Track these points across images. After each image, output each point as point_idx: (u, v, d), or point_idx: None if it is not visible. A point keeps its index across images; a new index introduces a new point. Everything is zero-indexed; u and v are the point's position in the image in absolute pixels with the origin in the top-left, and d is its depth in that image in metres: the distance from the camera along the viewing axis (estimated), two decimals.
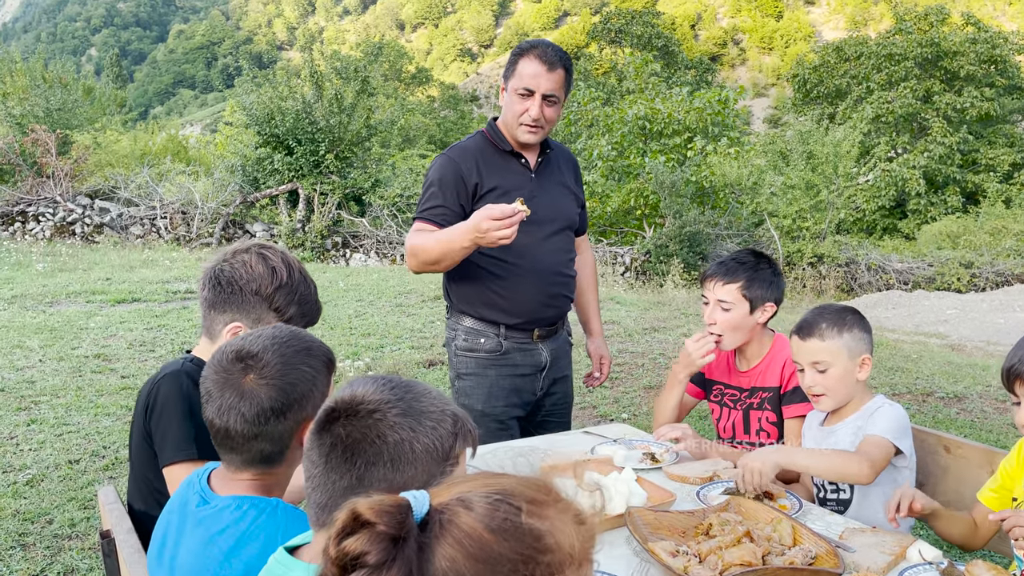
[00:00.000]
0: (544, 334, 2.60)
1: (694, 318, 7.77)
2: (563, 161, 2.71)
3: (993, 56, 28.25)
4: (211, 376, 1.41)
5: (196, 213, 14.61)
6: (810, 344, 2.06)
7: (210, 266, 1.85)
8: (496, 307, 2.52)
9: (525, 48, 2.49)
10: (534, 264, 2.50)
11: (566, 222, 2.63)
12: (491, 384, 2.55)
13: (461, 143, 2.62)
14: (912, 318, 12.41)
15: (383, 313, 8.45)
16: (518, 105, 2.45)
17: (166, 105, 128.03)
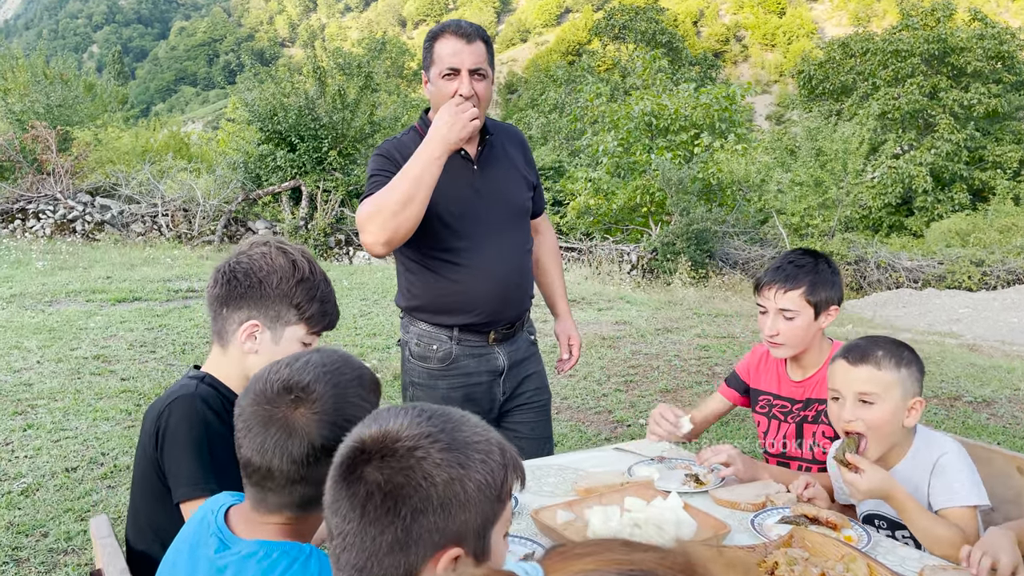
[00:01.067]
0: (500, 336, 2.41)
1: (707, 318, 7.60)
2: (508, 142, 2.50)
3: (1000, 52, 28.03)
4: (251, 408, 1.22)
5: (198, 210, 14.44)
6: (861, 371, 1.81)
7: (224, 261, 1.69)
8: (450, 310, 2.34)
9: (436, 31, 2.31)
10: (487, 261, 2.32)
11: (518, 212, 2.44)
12: (442, 397, 2.37)
13: (394, 139, 2.42)
14: (924, 317, 12.24)
15: (388, 312, 8.28)
16: (446, 88, 2.24)
17: (168, 102, 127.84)
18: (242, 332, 1.65)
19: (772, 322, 2.20)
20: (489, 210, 2.35)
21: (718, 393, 2.53)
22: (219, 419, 1.64)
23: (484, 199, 2.35)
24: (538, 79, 46.42)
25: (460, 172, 2.34)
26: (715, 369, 5.54)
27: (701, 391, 4.99)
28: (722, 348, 6.17)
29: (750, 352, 2.51)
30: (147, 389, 5.33)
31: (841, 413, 1.84)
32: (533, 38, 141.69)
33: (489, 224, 2.35)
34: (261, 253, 1.66)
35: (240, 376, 1.70)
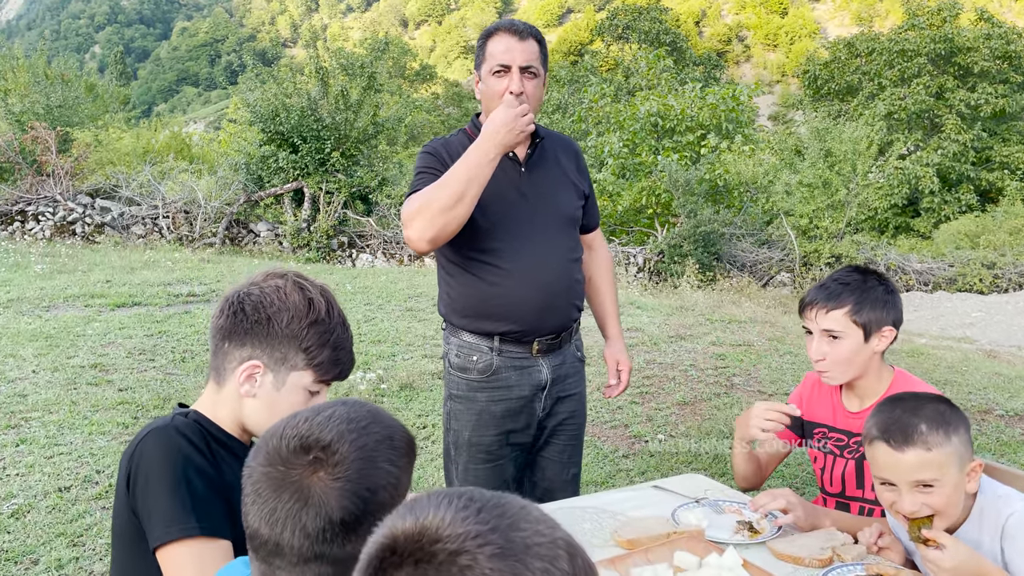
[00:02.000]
0: (545, 347, 2.29)
1: (720, 324, 7.41)
2: (560, 150, 2.41)
3: (1008, 52, 27.82)
4: (261, 469, 1.03)
5: (199, 212, 14.27)
6: (910, 457, 1.55)
7: (234, 290, 1.51)
8: (491, 316, 2.24)
9: (491, 29, 2.28)
10: (530, 268, 2.22)
11: (566, 219, 2.33)
12: (480, 410, 2.27)
13: (442, 138, 2.37)
14: (936, 321, 12.05)
15: (393, 318, 8.10)
16: (496, 85, 2.20)
17: (170, 102, 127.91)
18: (241, 371, 1.46)
19: (817, 345, 2.02)
20: (534, 214, 2.26)
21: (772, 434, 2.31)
22: (200, 453, 1.45)
23: (530, 203, 2.26)
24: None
25: (506, 173, 2.25)
26: (733, 380, 5.35)
27: (720, 403, 4.81)
28: (739, 357, 5.98)
29: (802, 383, 2.31)
30: (145, 400, 5.15)
31: (900, 504, 1.60)
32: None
33: (533, 228, 2.25)
34: (275, 286, 1.48)
35: (232, 420, 1.52)
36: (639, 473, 3.78)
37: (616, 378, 2.51)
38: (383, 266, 13.73)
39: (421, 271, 12.11)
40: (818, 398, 2.19)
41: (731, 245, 15.27)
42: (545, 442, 2.40)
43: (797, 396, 2.27)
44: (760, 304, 11.33)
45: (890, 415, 1.62)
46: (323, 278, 6.17)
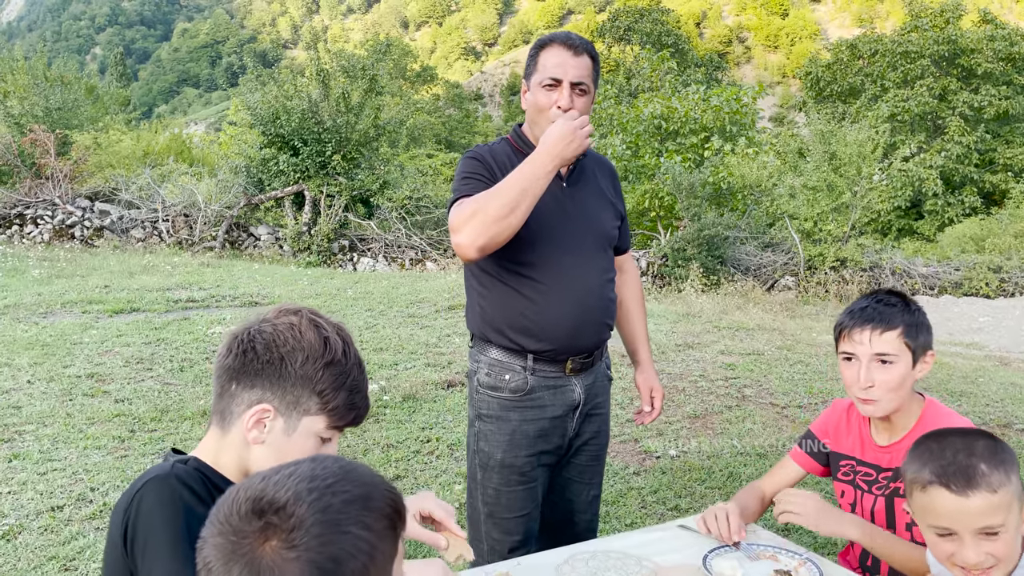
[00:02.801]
0: (578, 367, 2.22)
1: (728, 332, 7.28)
2: (599, 169, 2.38)
3: (1011, 54, 27.67)
4: (213, 537, 0.88)
5: (199, 216, 14.16)
6: (976, 502, 1.39)
7: (243, 327, 1.37)
8: (525, 331, 2.16)
9: (545, 40, 2.22)
10: (567, 284, 2.16)
11: (604, 238, 2.28)
12: (513, 430, 2.19)
13: (486, 146, 2.30)
14: (944, 326, 11.91)
15: (395, 325, 7.98)
16: (544, 99, 2.15)
17: (171, 104, 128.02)
18: (250, 416, 1.33)
19: (866, 372, 1.86)
20: (574, 230, 2.20)
21: (790, 459, 2.18)
22: (203, 504, 1.29)
23: (570, 218, 2.20)
24: None
25: (548, 187, 2.15)
26: (744, 391, 5.23)
27: (732, 416, 4.68)
28: (749, 366, 5.86)
29: (828, 409, 2.17)
30: (142, 412, 5.03)
31: (962, 555, 1.43)
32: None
33: (572, 244, 2.19)
34: (289, 324, 1.35)
35: (237, 468, 1.38)
36: (651, 492, 3.66)
37: (649, 405, 2.43)
38: (384, 270, 13.62)
39: (423, 276, 12.00)
40: (846, 428, 2.06)
41: (735, 249, 15.15)
42: (567, 461, 2.33)
43: (823, 424, 2.14)
44: (766, 310, 11.21)
45: (943, 456, 1.47)
46: (323, 283, 6.11)
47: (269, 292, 9.69)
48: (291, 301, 1.46)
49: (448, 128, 48.04)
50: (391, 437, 4.65)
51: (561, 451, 2.27)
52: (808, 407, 4.90)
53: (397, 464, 4.25)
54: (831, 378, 5.63)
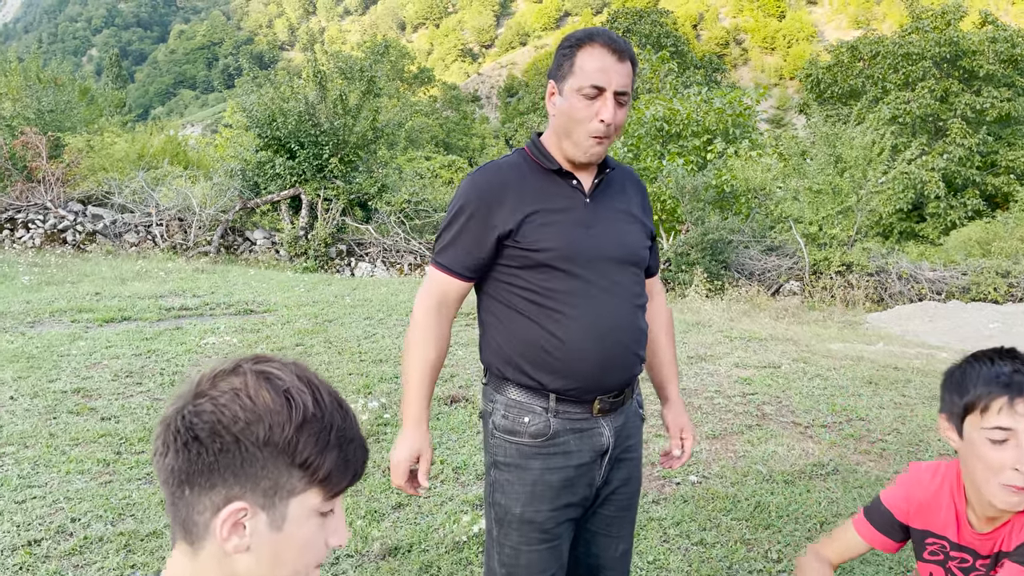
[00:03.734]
0: (607, 407, 1.95)
1: (740, 343, 7.04)
2: (627, 183, 2.10)
3: (1013, 55, 27.48)
4: None
5: (194, 220, 13.89)
6: None
7: (175, 408, 1.02)
8: (546, 368, 1.89)
9: (583, 37, 1.90)
10: (594, 314, 1.90)
11: (633, 259, 2.00)
12: (535, 480, 1.92)
13: (495, 161, 2.01)
14: (954, 332, 11.69)
15: (394, 334, 7.73)
16: (584, 110, 1.86)
17: (167, 105, 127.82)
18: (222, 523, 0.99)
19: None
20: (600, 252, 1.93)
21: (853, 531, 1.89)
22: None
23: (595, 238, 1.93)
24: (539, 83, 45.86)
25: (569, 203, 1.93)
26: (764, 408, 4.97)
27: (754, 437, 4.43)
28: (766, 381, 5.61)
29: (909, 480, 1.84)
30: (129, 432, 4.77)
31: None
32: (532, 41, 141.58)
33: (598, 268, 1.92)
34: (232, 392, 0.99)
35: None
36: (673, 524, 3.40)
37: (679, 447, 2.14)
38: (383, 275, 13.36)
39: (422, 282, 11.73)
40: (936, 504, 1.76)
41: (739, 253, 14.92)
42: (593, 512, 2.05)
43: (903, 498, 1.82)
44: (774, 316, 10.97)
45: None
46: (321, 289, 5.78)
47: (265, 299, 9.43)
48: (235, 357, 1.11)
49: (446, 130, 47.81)
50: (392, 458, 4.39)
51: (587, 502, 2.00)
52: (832, 427, 4.65)
53: (398, 490, 3.98)
54: (852, 394, 5.38)
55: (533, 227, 1.88)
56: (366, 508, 3.78)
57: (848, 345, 8.76)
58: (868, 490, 3.66)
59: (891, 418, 4.82)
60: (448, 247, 1.93)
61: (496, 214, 1.89)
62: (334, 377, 5.97)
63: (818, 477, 3.82)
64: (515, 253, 1.90)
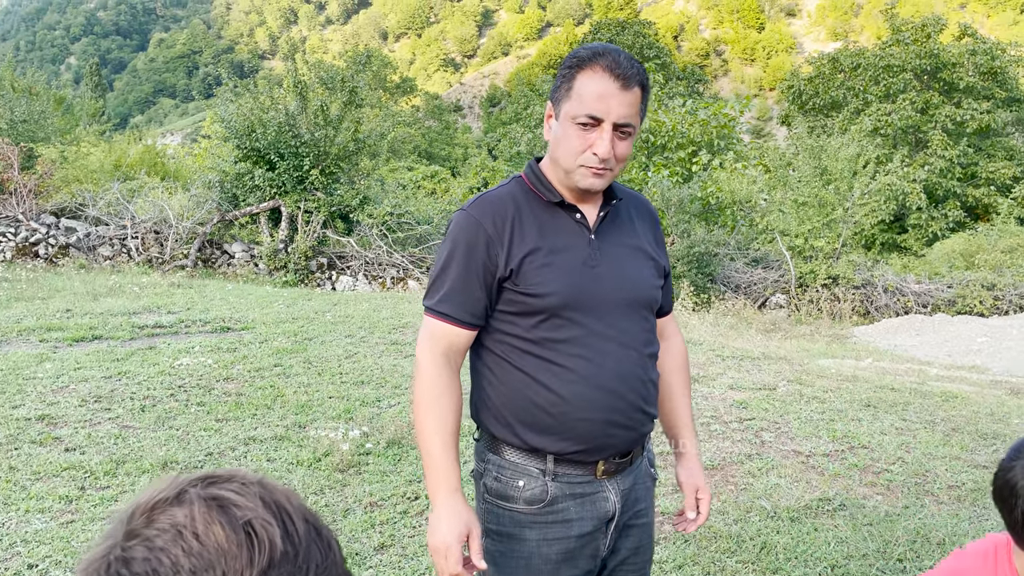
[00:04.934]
0: (613, 468, 1.73)
1: (732, 362, 6.86)
2: (637, 213, 1.87)
3: (992, 68, 27.72)
4: None
5: (170, 232, 13.57)
6: None
7: (99, 556, 0.73)
8: (545, 429, 1.68)
9: (585, 57, 1.67)
10: (598, 366, 1.67)
11: (644, 303, 1.77)
12: (530, 553, 1.70)
13: (489, 193, 1.78)
14: (942, 347, 11.60)
15: (377, 353, 7.49)
16: (577, 140, 1.65)
17: (146, 114, 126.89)
18: None
19: None
20: (607, 295, 1.71)
21: None
22: None
23: (601, 280, 1.71)
24: (522, 93, 45.84)
25: (572, 239, 1.71)
26: (762, 435, 4.78)
27: (754, 468, 4.23)
28: (762, 404, 5.43)
29: (951, 562, 1.57)
30: (95, 464, 4.50)
31: None
32: (515, 52, 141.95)
33: (604, 314, 1.70)
34: (174, 531, 0.71)
35: None
36: (675, 568, 3.20)
37: (695, 510, 1.89)
38: (365, 289, 13.10)
39: (405, 297, 11.50)
40: None
41: (725, 266, 14.81)
42: None
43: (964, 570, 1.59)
44: (763, 331, 10.84)
45: None
46: (301, 305, 5.44)
47: (242, 316, 9.15)
48: (170, 479, 0.80)
49: (428, 140, 47.61)
50: (375, 493, 4.16)
51: (592, 575, 1.77)
52: (834, 455, 4.46)
53: (382, 528, 3.76)
54: (852, 418, 5.21)
55: (532, 268, 1.66)
56: (346, 551, 3.54)
57: (838, 361, 8.62)
58: (878, 528, 3.47)
59: (894, 445, 4.64)
60: (449, 293, 1.70)
61: (495, 253, 1.67)
62: (313, 401, 5.73)
63: (824, 514, 3.63)
64: (513, 297, 1.68)
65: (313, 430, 5.04)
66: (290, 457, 4.58)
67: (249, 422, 5.23)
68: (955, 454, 4.52)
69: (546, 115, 1.75)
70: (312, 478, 4.29)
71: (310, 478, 4.29)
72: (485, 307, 1.70)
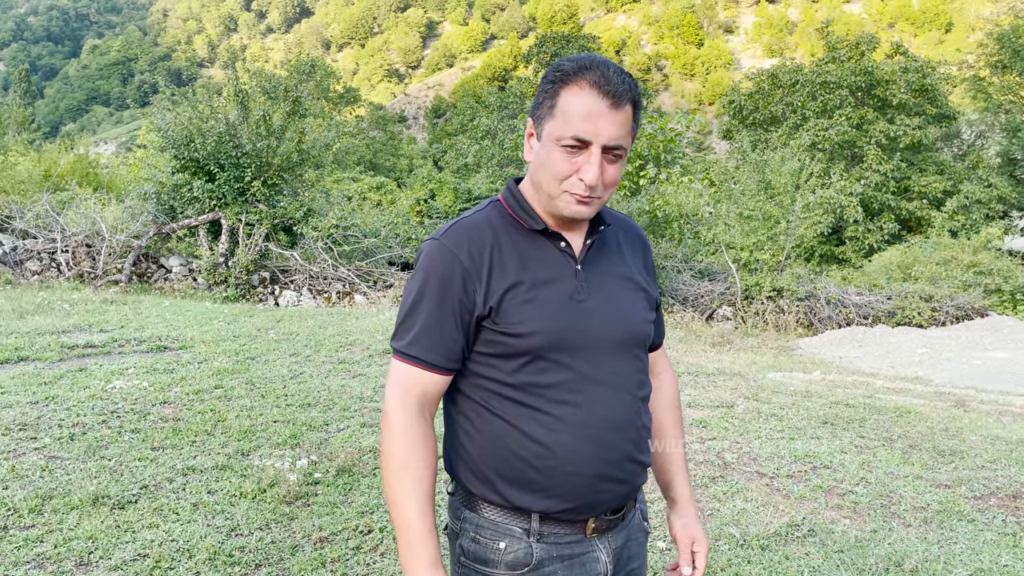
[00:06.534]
0: (604, 526, 1.56)
1: (688, 378, 6.79)
2: (626, 239, 1.70)
3: (924, 85, 28.66)
4: None
5: (103, 246, 13.01)
6: None
7: None
8: (529, 485, 1.50)
9: (570, 71, 1.47)
10: (588, 411, 1.49)
11: (636, 338, 1.59)
12: None
13: (464, 220, 1.57)
14: (884, 358, 11.80)
15: (323, 373, 7.22)
16: (562, 164, 1.47)
17: (79, 122, 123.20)
18: None
19: None
20: (597, 332, 1.53)
21: None
22: None
23: (590, 316, 1.52)
24: (467, 104, 45.74)
25: (557, 272, 1.53)
26: (724, 456, 4.69)
27: (719, 492, 4.12)
28: (722, 423, 5.34)
29: None
30: (18, 500, 4.15)
31: None
32: (459, 63, 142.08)
33: (594, 353, 1.52)
34: None
35: None
36: None
37: (690, 564, 1.71)
38: (310, 304, 12.74)
39: (352, 313, 11.20)
40: None
41: (673, 279, 14.87)
42: None
43: None
44: (713, 344, 10.85)
45: None
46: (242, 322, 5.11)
47: (180, 334, 8.76)
48: None
49: (373, 151, 47.12)
50: (325, 526, 3.92)
51: None
52: (798, 477, 4.39)
53: (333, 567, 3.52)
54: (811, 436, 5.16)
55: (514, 304, 1.48)
56: None
57: (788, 375, 8.65)
58: (849, 555, 3.39)
59: (855, 464, 4.60)
60: (421, 334, 1.50)
61: (472, 288, 1.48)
62: (257, 426, 5.44)
63: (794, 540, 3.53)
64: (492, 338, 1.49)
65: (257, 458, 4.77)
66: (232, 488, 4.30)
67: (188, 450, 4.92)
68: (916, 473, 4.49)
69: (527, 133, 1.56)
70: (256, 512, 4.03)
71: (254, 512, 4.02)
72: (462, 348, 1.51)
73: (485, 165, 29.31)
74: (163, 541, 3.62)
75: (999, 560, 3.36)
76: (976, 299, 14.97)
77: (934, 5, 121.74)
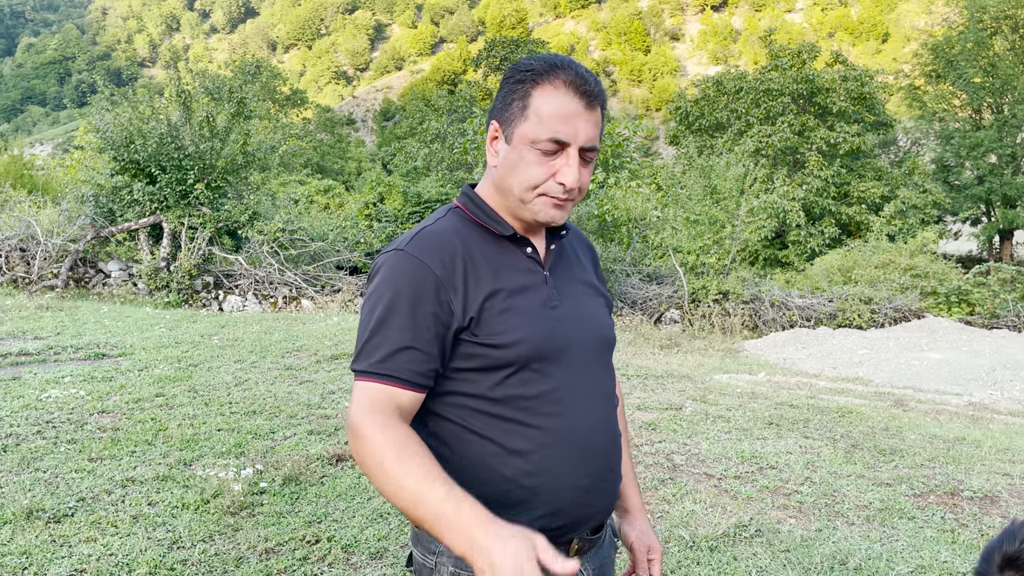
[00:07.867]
0: (586, 546, 1.50)
1: (637, 380, 6.84)
2: (579, 247, 1.67)
3: (862, 93, 29.49)
4: None
5: (38, 250, 12.59)
6: None
7: None
8: (514, 505, 1.39)
9: (542, 70, 1.41)
10: (572, 421, 1.43)
11: (606, 343, 1.55)
12: None
13: (427, 228, 1.47)
14: (826, 359, 12.08)
15: (269, 380, 7.09)
16: (538, 167, 1.40)
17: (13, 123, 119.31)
18: None
19: None
20: (573, 341, 1.46)
21: None
22: None
23: (565, 324, 1.46)
24: (416, 107, 45.51)
25: (528, 279, 1.46)
26: (674, 458, 4.72)
27: (668, 493, 4.15)
28: (671, 426, 5.39)
29: None
30: None
31: None
32: (408, 66, 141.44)
33: (573, 363, 1.45)
34: None
35: None
36: None
37: (646, 572, 1.64)
38: (255, 309, 12.51)
39: (299, 318, 11.03)
40: None
41: (621, 282, 15.00)
42: None
43: None
44: (661, 347, 10.96)
45: None
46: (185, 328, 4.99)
47: (120, 340, 8.52)
48: None
49: (320, 153, 46.58)
50: (271, 537, 3.83)
51: None
52: (745, 477, 4.45)
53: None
54: (757, 437, 5.24)
55: (494, 313, 1.39)
56: None
57: (735, 376, 8.78)
58: (795, 554, 3.44)
59: (800, 464, 4.68)
60: (392, 351, 1.35)
61: (446, 299, 1.38)
62: (200, 435, 5.30)
63: (742, 541, 3.57)
64: (472, 351, 1.39)
65: (200, 468, 4.65)
66: (174, 500, 4.18)
67: (127, 460, 4.77)
68: (859, 472, 4.58)
69: (489, 137, 1.48)
70: (199, 523, 3.92)
71: (197, 523, 3.91)
72: (438, 364, 1.39)
73: (435, 169, 29.20)
74: (101, 556, 3.50)
75: (939, 556, 3.45)
76: (913, 301, 15.42)
77: (872, 16, 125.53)
